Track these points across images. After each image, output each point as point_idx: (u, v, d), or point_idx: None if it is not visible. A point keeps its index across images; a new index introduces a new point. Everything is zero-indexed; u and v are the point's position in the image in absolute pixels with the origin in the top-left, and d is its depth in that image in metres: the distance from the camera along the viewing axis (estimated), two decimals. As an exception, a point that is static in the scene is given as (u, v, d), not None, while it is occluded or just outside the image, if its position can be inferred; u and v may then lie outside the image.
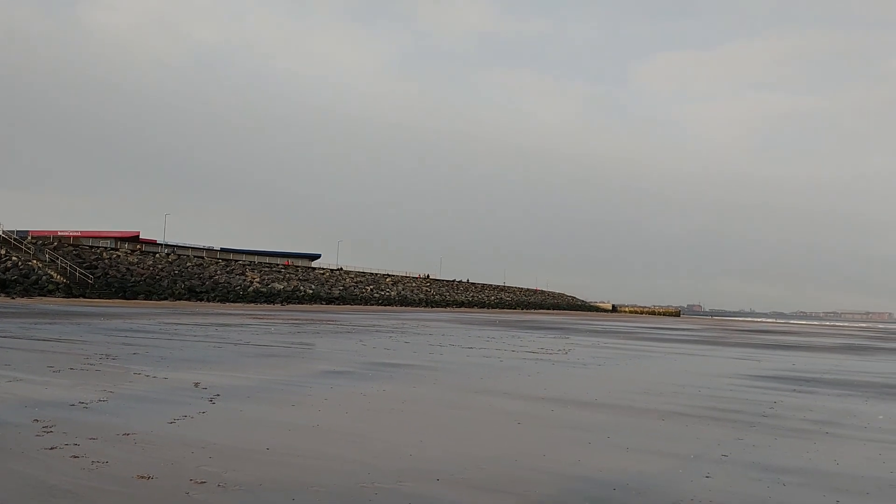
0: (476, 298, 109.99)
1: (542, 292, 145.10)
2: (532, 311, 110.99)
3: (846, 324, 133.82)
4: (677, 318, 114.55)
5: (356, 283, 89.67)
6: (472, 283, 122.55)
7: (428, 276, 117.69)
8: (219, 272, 69.72)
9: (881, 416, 10.11)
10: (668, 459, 6.69)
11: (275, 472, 5.66)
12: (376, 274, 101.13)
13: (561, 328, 40.95)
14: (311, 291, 75.61)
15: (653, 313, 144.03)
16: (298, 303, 69.25)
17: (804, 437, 8.16)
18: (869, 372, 17.96)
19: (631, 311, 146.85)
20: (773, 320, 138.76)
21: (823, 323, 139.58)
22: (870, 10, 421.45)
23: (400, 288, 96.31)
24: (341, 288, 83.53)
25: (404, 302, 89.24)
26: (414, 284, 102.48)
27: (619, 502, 5.19)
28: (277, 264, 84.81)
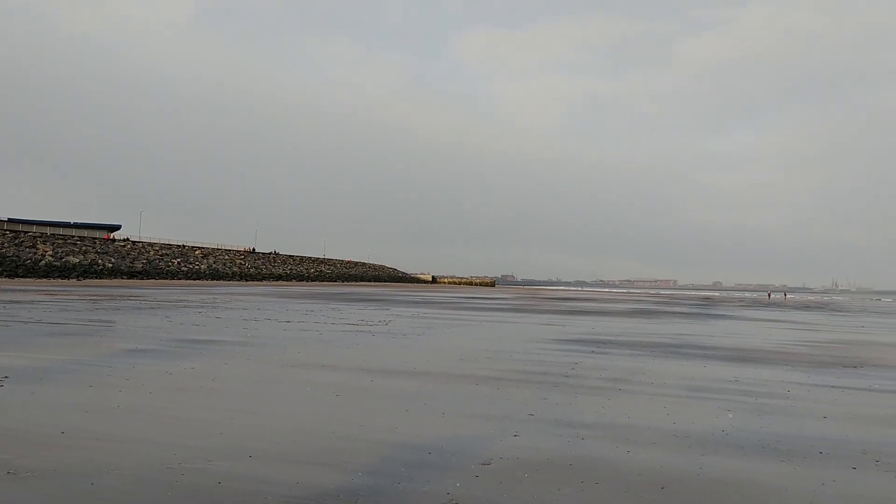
0: (295, 271, 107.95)
1: (364, 264, 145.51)
2: (353, 283, 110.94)
3: (638, 291, 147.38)
4: (492, 288, 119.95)
5: (161, 255, 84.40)
6: (291, 256, 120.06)
7: (253, 249, 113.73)
8: (6, 245, 62.60)
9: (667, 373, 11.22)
10: (480, 421, 6.97)
11: (71, 457, 5.21)
12: (184, 246, 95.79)
13: (382, 300, 41.31)
14: (110, 265, 70.23)
15: (470, 284, 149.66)
16: (97, 277, 64.08)
17: (601, 394, 8.85)
18: (656, 333, 19.87)
19: (450, 282, 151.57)
20: (577, 288, 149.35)
21: (619, 290, 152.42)
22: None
23: (211, 261, 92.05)
24: (145, 261, 78.31)
25: (216, 276, 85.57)
26: (227, 257, 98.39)
27: (433, 465, 5.32)
28: (73, 236, 77.61)
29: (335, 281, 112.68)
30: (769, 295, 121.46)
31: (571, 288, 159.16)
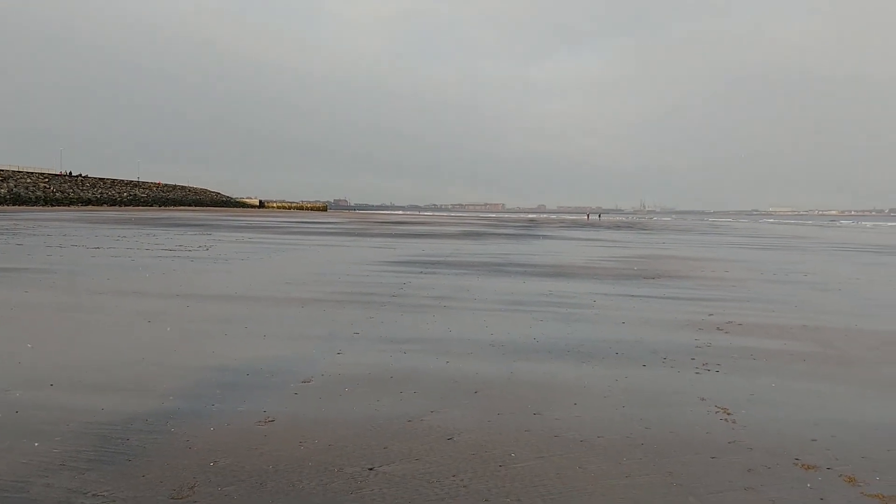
0: (106, 195, 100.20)
1: (183, 188, 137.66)
2: (171, 208, 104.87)
3: (469, 214, 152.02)
4: (325, 213, 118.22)
5: (-49, 179, 75.00)
6: (101, 179, 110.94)
7: (70, 172, 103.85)
8: None
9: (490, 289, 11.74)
10: (303, 342, 6.92)
11: None
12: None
13: (203, 224, 39.46)
14: None
15: (301, 208, 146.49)
16: None
17: (426, 311, 9.10)
18: (482, 254, 20.65)
19: (279, 207, 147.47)
20: (411, 212, 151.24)
21: (451, 214, 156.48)
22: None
23: (11, 185, 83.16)
24: (-71, 185, 69.17)
25: (18, 200, 77.63)
26: (29, 181, 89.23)
27: (251, 385, 5.24)
28: None
29: (151, 206, 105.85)
30: (588, 216, 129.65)
31: (405, 212, 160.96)
